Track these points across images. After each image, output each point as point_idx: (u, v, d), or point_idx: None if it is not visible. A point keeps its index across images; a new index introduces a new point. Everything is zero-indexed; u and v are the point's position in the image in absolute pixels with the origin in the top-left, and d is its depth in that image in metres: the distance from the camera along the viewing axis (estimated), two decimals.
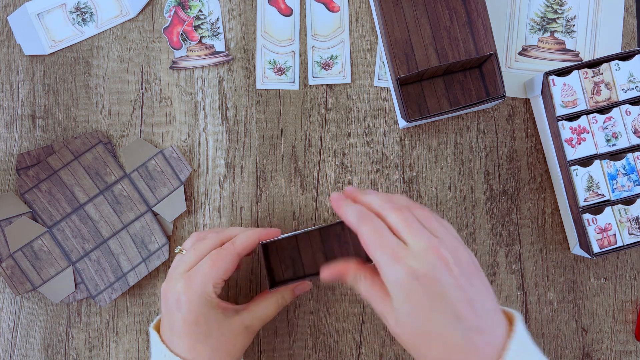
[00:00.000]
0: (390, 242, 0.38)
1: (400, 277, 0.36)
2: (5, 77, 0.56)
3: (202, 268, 0.44)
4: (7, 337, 0.54)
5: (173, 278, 0.44)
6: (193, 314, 0.43)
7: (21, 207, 0.53)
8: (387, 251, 0.37)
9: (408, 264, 0.36)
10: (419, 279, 0.36)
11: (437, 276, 0.36)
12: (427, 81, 0.54)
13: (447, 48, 0.53)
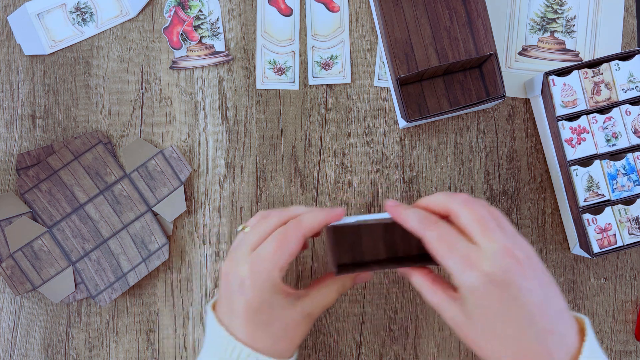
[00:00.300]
0: (461, 247, 0.37)
1: (475, 283, 0.36)
2: (5, 77, 0.56)
3: (268, 250, 0.40)
4: (7, 337, 0.54)
5: (236, 259, 0.41)
6: (257, 300, 0.40)
7: (21, 207, 0.53)
8: (458, 257, 0.36)
9: (482, 269, 0.35)
10: (494, 284, 0.35)
11: (512, 280, 0.35)
12: (427, 81, 0.54)
13: (447, 48, 0.53)
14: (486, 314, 0.36)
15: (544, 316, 0.36)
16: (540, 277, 0.37)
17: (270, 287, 0.40)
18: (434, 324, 0.54)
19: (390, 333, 0.54)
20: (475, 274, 0.35)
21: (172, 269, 0.54)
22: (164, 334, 0.54)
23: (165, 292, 0.54)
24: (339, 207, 0.44)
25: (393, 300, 0.55)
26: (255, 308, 0.40)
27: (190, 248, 0.55)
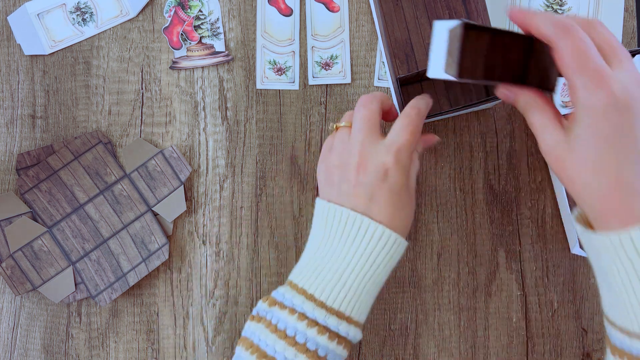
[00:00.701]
0: (596, 62, 0.34)
1: (598, 103, 0.33)
2: (5, 77, 0.56)
3: (405, 138, 0.42)
4: (7, 337, 0.54)
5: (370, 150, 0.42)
6: (399, 186, 0.42)
7: (21, 207, 0.53)
8: (590, 73, 0.34)
9: (611, 89, 0.33)
10: (616, 108, 0.33)
11: (635, 111, 0.34)
12: (427, 81, 0.54)
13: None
14: (595, 139, 0.34)
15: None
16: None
17: (407, 174, 0.43)
18: (434, 324, 0.54)
19: (390, 333, 0.54)
20: (602, 93, 0.33)
21: (172, 269, 0.55)
22: (164, 334, 0.54)
23: (165, 292, 0.54)
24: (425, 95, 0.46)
25: (393, 300, 0.55)
26: (397, 192, 0.42)
27: (190, 248, 0.55)
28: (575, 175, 0.36)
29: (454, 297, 0.54)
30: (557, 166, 0.37)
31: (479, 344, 0.54)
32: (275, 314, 0.41)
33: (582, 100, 0.34)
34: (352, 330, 0.41)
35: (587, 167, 0.35)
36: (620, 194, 0.34)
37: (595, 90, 0.33)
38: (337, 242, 0.42)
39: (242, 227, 0.55)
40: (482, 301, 0.55)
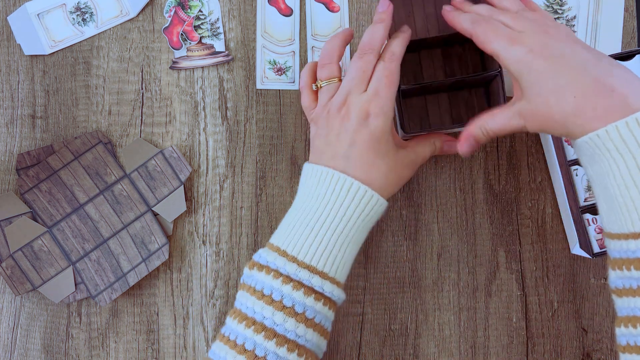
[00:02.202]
0: (504, 30, 0.41)
1: (519, 54, 0.39)
2: (5, 77, 0.56)
3: (382, 85, 0.43)
4: (7, 337, 0.54)
5: (350, 99, 0.44)
6: (380, 130, 0.43)
7: (21, 207, 0.53)
8: (503, 39, 0.40)
9: (523, 43, 0.39)
10: (537, 51, 0.39)
11: (553, 46, 0.39)
12: (431, 95, 0.54)
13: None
14: (539, 75, 0.39)
15: (598, 65, 0.38)
16: (582, 44, 0.40)
17: (388, 121, 0.44)
18: (434, 324, 0.54)
19: (390, 333, 0.54)
20: (518, 47, 0.39)
21: (172, 269, 0.55)
22: (164, 334, 0.54)
23: (165, 292, 0.54)
24: (404, 26, 0.48)
25: (393, 300, 0.55)
26: (378, 137, 0.43)
27: (190, 248, 0.55)
28: (550, 113, 0.39)
29: (454, 297, 0.54)
30: (536, 123, 0.41)
31: (479, 344, 0.54)
32: (254, 277, 0.42)
33: (507, 60, 0.40)
34: (327, 285, 0.41)
35: (549, 100, 0.38)
36: (588, 99, 0.37)
37: (513, 47, 0.40)
38: (312, 199, 0.43)
39: (242, 227, 0.55)
40: (482, 301, 0.55)
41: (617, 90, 0.36)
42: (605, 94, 0.36)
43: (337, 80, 0.46)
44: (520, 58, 0.39)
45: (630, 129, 0.35)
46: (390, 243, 0.55)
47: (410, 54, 0.53)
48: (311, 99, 0.48)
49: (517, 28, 0.41)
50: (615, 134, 0.35)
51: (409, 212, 0.55)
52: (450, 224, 0.55)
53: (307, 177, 0.45)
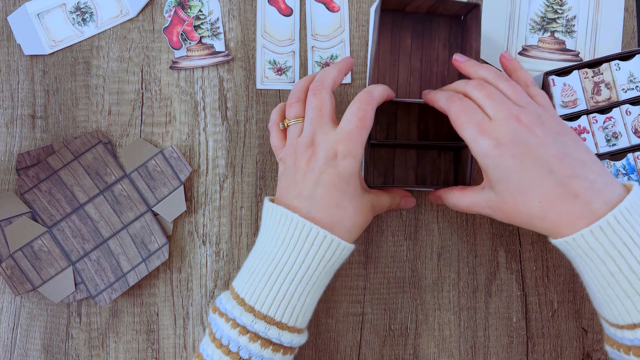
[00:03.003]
0: (476, 116, 0.40)
1: (487, 148, 0.39)
2: (5, 77, 0.56)
3: (353, 125, 0.42)
4: (7, 337, 0.54)
5: (320, 138, 0.43)
6: (347, 172, 0.42)
7: (21, 207, 0.53)
8: (473, 126, 0.40)
9: (492, 135, 0.39)
10: (503, 146, 0.38)
11: (521, 139, 0.38)
12: (400, 149, 0.53)
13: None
14: (505, 176, 0.39)
15: (563, 164, 0.38)
16: (555, 132, 0.39)
17: (357, 163, 0.43)
18: (434, 324, 0.54)
19: (390, 333, 0.54)
20: (486, 140, 0.39)
21: (172, 269, 0.55)
22: (164, 334, 0.54)
23: (165, 292, 0.54)
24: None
25: (393, 300, 0.55)
26: (346, 178, 0.42)
27: (190, 248, 0.55)
28: (518, 213, 0.40)
29: (454, 297, 0.54)
30: (504, 216, 0.41)
31: (479, 344, 0.54)
32: (216, 321, 0.41)
33: (475, 150, 0.40)
34: (285, 336, 0.39)
35: (516, 196, 0.39)
36: (553, 204, 0.38)
37: (481, 139, 0.39)
38: (272, 242, 0.41)
39: (242, 227, 0.55)
40: (482, 301, 0.55)
41: (580, 196, 0.37)
42: (569, 199, 0.37)
43: (303, 120, 0.45)
44: (488, 152, 0.39)
45: (596, 237, 0.36)
46: (390, 243, 0.55)
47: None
48: (279, 137, 0.47)
49: (488, 112, 0.40)
50: (582, 242, 0.37)
51: (409, 212, 0.55)
52: (450, 224, 0.55)
53: (267, 216, 0.43)
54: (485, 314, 0.54)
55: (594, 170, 0.38)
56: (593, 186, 0.37)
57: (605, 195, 0.37)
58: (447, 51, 0.54)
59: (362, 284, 0.55)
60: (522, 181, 0.38)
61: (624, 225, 0.35)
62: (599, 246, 0.36)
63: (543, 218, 0.38)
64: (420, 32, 0.53)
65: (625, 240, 0.35)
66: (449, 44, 0.54)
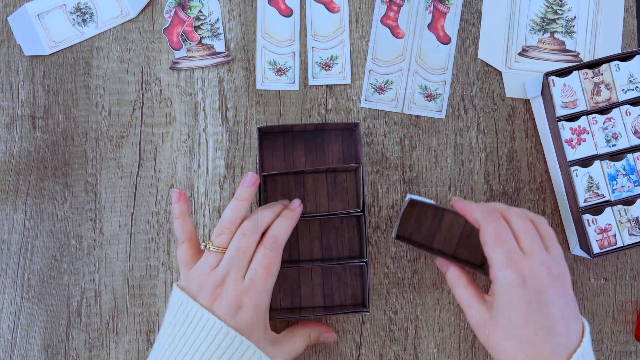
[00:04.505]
0: (511, 245, 0.41)
1: (511, 280, 0.40)
2: (5, 78, 0.56)
3: (259, 276, 0.43)
4: (7, 338, 0.54)
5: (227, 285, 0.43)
6: (246, 323, 0.42)
7: None
8: (505, 253, 0.41)
9: (522, 269, 0.40)
10: (527, 287, 0.40)
11: (543, 289, 0.40)
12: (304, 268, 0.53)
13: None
14: (512, 312, 0.40)
15: (563, 329, 0.40)
16: (565, 291, 0.42)
17: (260, 314, 0.43)
18: (434, 324, 0.54)
19: (390, 333, 0.54)
20: (514, 272, 0.40)
21: (172, 269, 0.55)
22: None
23: (165, 292, 0.54)
24: (295, 201, 0.48)
25: (393, 300, 0.55)
26: (246, 331, 0.42)
27: None
28: (500, 349, 0.41)
29: (454, 297, 0.54)
30: (485, 339, 0.42)
31: (479, 344, 0.54)
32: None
33: (498, 276, 0.41)
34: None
35: (508, 338, 0.40)
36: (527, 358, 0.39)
37: (509, 269, 0.40)
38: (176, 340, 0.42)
39: None
40: None
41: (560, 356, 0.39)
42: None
43: (224, 252, 0.44)
44: (510, 286, 0.40)
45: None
46: (390, 243, 0.55)
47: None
48: (189, 254, 0.46)
49: (523, 246, 0.41)
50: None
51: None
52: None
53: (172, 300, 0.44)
54: None
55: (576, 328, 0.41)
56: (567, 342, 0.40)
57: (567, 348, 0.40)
58: (342, 162, 0.53)
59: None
60: (524, 330, 0.40)
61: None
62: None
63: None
64: (313, 148, 0.53)
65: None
66: (342, 156, 0.53)
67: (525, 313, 0.40)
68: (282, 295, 0.52)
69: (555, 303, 0.40)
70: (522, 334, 0.40)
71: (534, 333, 0.39)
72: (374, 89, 0.56)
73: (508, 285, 0.40)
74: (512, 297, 0.40)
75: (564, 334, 0.40)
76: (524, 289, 0.40)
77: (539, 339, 0.39)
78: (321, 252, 0.53)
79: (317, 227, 0.53)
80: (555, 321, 0.40)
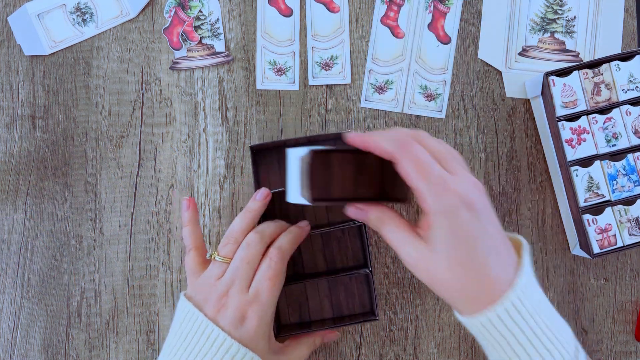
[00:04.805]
0: (435, 170, 0.37)
1: (447, 206, 0.36)
2: (5, 78, 0.56)
3: (265, 287, 0.43)
4: (7, 338, 0.54)
5: (232, 295, 0.43)
6: (251, 335, 0.42)
7: None
8: (433, 180, 0.36)
9: (455, 192, 0.36)
10: (466, 205, 0.36)
11: (481, 207, 0.37)
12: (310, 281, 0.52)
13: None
14: (454, 238, 0.37)
15: (505, 248, 0.38)
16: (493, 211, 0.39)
17: (264, 326, 0.43)
18: (434, 324, 0.54)
19: (390, 333, 0.54)
20: (450, 195, 0.36)
21: (172, 269, 0.55)
22: (164, 335, 0.54)
23: (165, 292, 0.54)
24: (302, 221, 0.49)
25: (393, 300, 0.55)
26: (249, 343, 0.42)
27: None
28: (446, 281, 0.38)
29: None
30: (426, 276, 0.39)
31: (479, 345, 0.54)
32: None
33: (432, 205, 0.37)
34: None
35: (456, 268, 0.37)
36: (477, 283, 0.37)
37: (442, 195, 0.36)
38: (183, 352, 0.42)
39: None
40: None
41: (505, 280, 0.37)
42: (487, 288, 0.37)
43: (229, 262, 0.45)
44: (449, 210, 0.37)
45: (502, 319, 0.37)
46: None
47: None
48: (196, 262, 0.46)
49: (449, 166, 0.38)
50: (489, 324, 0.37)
51: (409, 212, 0.55)
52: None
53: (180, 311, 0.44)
54: None
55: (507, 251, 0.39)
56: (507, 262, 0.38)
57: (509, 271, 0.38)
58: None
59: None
60: (470, 254, 0.37)
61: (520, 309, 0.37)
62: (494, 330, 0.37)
63: (462, 292, 0.38)
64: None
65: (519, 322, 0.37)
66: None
67: (469, 237, 0.37)
68: (291, 311, 0.52)
69: (493, 221, 0.38)
70: (467, 258, 0.37)
71: (480, 255, 0.37)
72: (374, 89, 0.56)
73: (444, 211, 0.36)
74: (452, 224, 0.36)
75: (506, 250, 0.38)
76: (463, 212, 0.36)
77: (486, 260, 0.37)
78: (325, 265, 0.53)
79: (319, 240, 0.53)
80: (497, 239, 0.38)
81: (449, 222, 0.36)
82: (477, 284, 0.37)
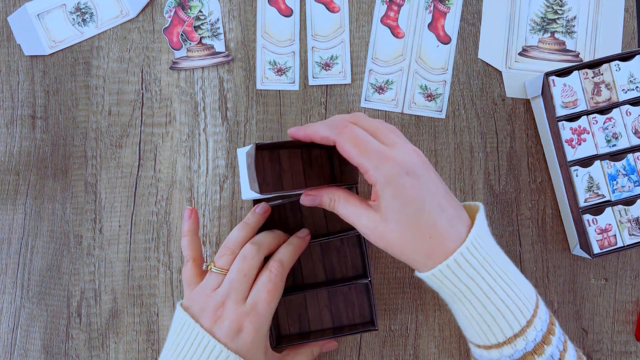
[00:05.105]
0: (373, 144, 0.39)
1: (389, 175, 0.38)
2: (5, 78, 0.56)
3: (262, 298, 0.43)
4: (7, 338, 0.54)
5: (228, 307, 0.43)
6: (247, 346, 0.42)
7: None
8: (374, 153, 0.39)
9: (394, 161, 0.39)
10: (407, 172, 0.39)
11: (422, 172, 0.40)
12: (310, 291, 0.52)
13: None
14: (401, 203, 0.39)
15: (449, 203, 0.40)
16: (437, 177, 0.42)
17: (260, 338, 0.43)
18: (434, 324, 0.54)
19: (390, 333, 0.54)
20: (391, 165, 0.38)
21: (172, 270, 0.55)
22: (164, 335, 0.54)
23: (165, 292, 0.54)
24: (303, 230, 0.49)
25: (393, 300, 0.55)
26: (246, 354, 0.42)
27: None
28: (400, 244, 0.40)
29: None
30: (381, 241, 0.41)
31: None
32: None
33: (376, 177, 0.39)
34: None
35: (407, 231, 0.39)
36: (429, 241, 0.39)
37: (382, 165, 0.38)
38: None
39: None
40: None
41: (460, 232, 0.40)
42: (454, 237, 0.39)
43: (226, 273, 0.45)
44: (391, 179, 0.39)
45: (452, 269, 0.39)
46: None
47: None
48: (194, 273, 0.46)
49: (386, 139, 0.40)
50: (442, 276, 0.40)
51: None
52: None
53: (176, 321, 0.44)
54: None
55: (454, 209, 0.41)
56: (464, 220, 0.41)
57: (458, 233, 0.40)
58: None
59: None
60: (418, 216, 0.39)
61: (469, 259, 0.39)
62: (446, 280, 0.40)
63: (426, 253, 0.40)
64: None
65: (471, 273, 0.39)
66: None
67: (413, 199, 0.39)
68: (290, 321, 0.52)
69: (437, 182, 0.40)
70: (414, 219, 0.39)
71: (429, 215, 0.39)
72: (374, 89, 0.56)
73: (388, 181, 0.38)
74: (396, 190, 0.39)
75: (453, 208, 0.40)
76: (404, 177, 0.38)
77: (431, 217, 0.39)
78: (325, 275, 0.52)
79: (318, 250, 0.53)
80: (441, 197, 0.40)
81: (392, 189, 0.39)
82: (429, 241, 0.39)
